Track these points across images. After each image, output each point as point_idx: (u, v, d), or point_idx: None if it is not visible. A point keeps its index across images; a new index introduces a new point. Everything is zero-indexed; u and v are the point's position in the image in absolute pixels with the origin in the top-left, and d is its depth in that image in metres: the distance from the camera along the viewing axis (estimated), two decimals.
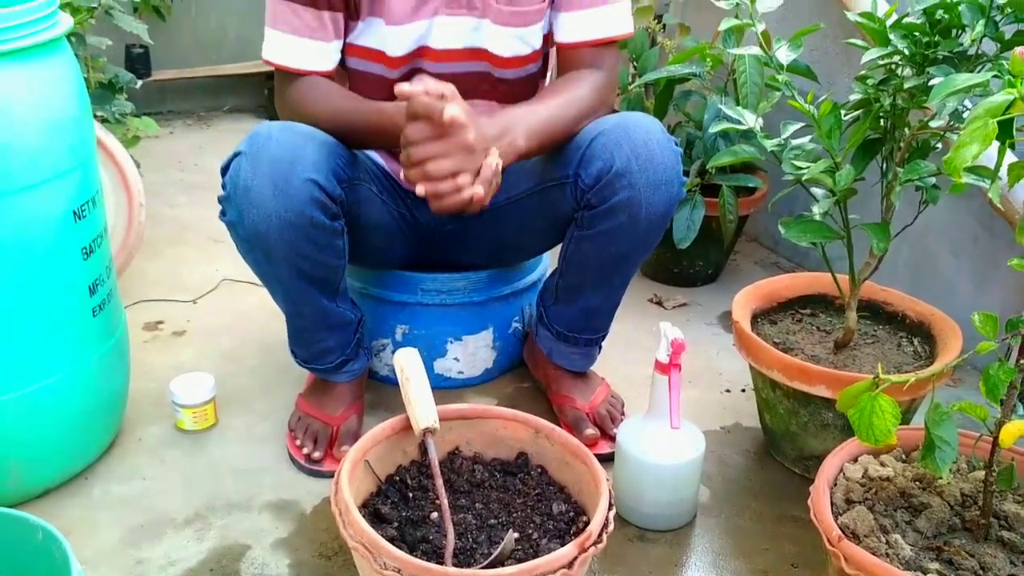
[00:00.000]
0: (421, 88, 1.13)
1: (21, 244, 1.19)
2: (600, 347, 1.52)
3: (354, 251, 1.34)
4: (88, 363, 1.31)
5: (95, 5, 2.04)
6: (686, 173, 1.88)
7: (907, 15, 1.21)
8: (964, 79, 0.96)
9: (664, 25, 2.29)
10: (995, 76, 0.96)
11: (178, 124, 3.00)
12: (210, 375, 1.50)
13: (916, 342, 1.42)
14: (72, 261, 1.25)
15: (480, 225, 1.46)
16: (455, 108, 1.11)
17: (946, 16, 1.18)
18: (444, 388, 1.58)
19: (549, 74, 1.50)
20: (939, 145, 1.28)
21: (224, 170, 1.25)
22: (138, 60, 2.84)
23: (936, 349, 1.37)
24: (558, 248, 1.43)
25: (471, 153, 1.14)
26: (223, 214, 1.25)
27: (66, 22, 1.24)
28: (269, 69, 1.36)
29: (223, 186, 1.24)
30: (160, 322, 1.81)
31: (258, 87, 3.09)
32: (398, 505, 1.15)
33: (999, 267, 1.68)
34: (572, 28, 1.35)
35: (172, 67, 2.99)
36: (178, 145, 2.81)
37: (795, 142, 1.32)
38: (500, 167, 1.17)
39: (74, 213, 1.24)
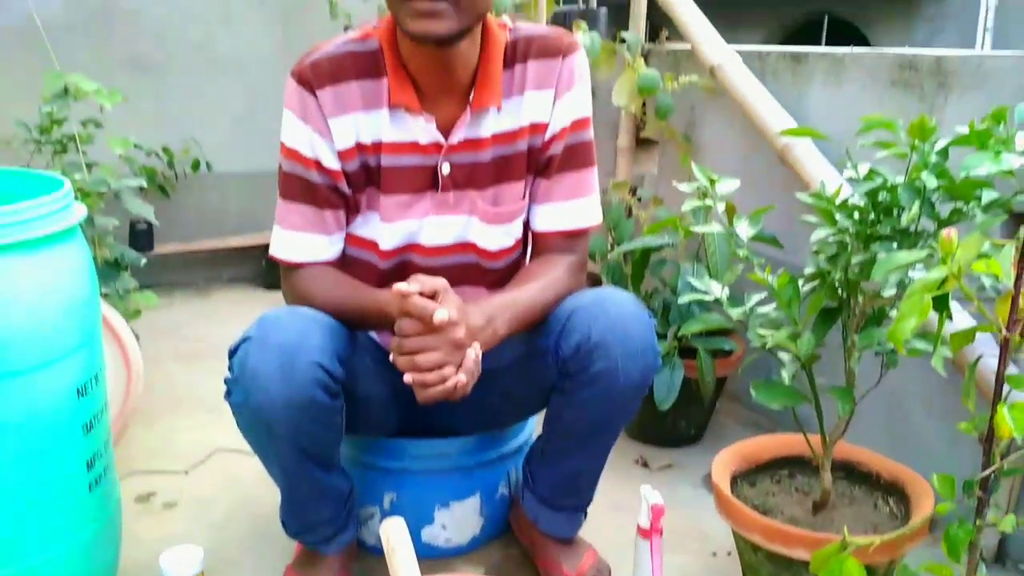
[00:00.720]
0: (417, 288, 1.23)
1: (25, 421, 1.21)
2: (585, 513, 1.54)
3: (348, 422, 1.38)
4: (82, 538, 1.32)
5: (104, 190, 2.17)
6: (664, 336, 1.96)
7: (852, 195, 1.32)
8: (904, 256, 1.05)
9: (639, 197, 2.44)
10: (933, 252, 1.05)
11: (178, 295, 3.11)
12: (200, 548, 1.50)
13: (891, 501, 1.45)
14: (72, 437, 1.28)
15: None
16: (445, 312, 1.20)
17: (887, 196, 1.29)
18: (432, 557, 1.59)
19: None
20: (893, 312, 1.37)
21: (232, 353, 1.30)
22: (142, 236, 2.95)
23: (910, 508, 1.41)
24: (544, 413, 1.48)
25: (459, 348, 1.23)
26: (228, 394, 1.30)
27: (80, 211, 1.31)
28: (267, 241, 1.45)
29: (230, 368, 1.29)
30: (152, 493, 1.83)
31: (257, 258, 3.22)
32: None
33: None
34: (548, 219, 1.46)
35: (174, 241, 3.12)
36: (177, 315, 2.90)
37: (761, 310, 1.40)
38: (480, 356, 1.26)
39: (78, 390, 1.28)
